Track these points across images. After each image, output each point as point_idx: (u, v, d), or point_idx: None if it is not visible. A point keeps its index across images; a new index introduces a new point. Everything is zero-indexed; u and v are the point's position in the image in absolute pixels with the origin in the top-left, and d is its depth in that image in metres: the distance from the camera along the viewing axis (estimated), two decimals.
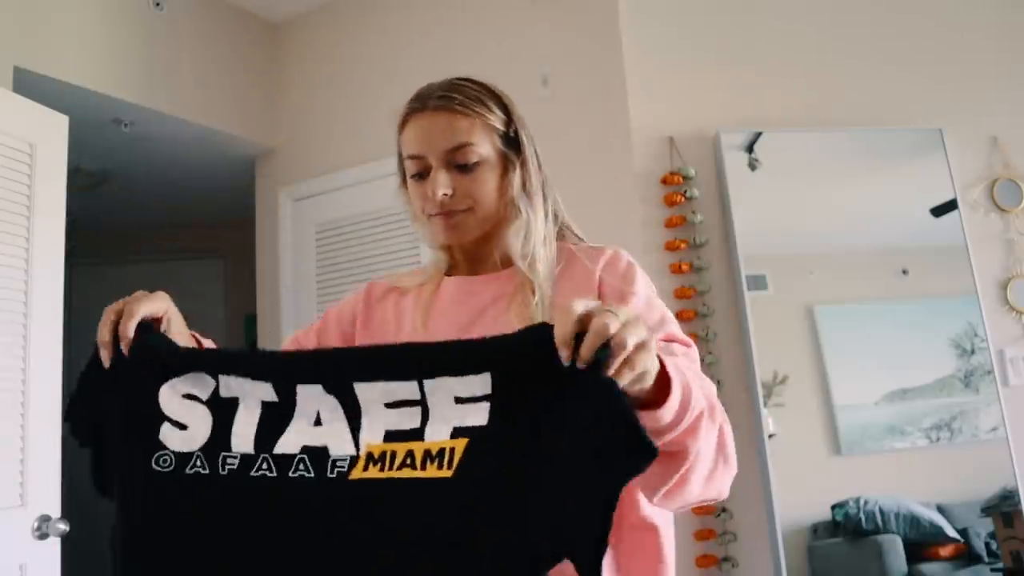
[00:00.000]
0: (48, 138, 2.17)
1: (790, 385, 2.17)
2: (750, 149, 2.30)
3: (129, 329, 0.81)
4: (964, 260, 2.25)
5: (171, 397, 0.79)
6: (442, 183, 0.99)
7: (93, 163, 3.23)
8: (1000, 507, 2.10)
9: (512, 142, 1.06)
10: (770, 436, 2.11)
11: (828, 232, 2.34)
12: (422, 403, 0.73)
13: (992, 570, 2.07)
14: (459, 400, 0.71)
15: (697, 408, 0.75)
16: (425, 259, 2.63)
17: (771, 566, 2.06)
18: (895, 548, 2.07)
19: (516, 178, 1.05)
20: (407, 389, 0.73)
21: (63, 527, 1.96)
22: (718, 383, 2.17)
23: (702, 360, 2.19)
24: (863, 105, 2.38)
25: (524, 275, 1.01)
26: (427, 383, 0.72)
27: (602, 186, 2.34)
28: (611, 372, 0.63)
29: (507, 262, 1.05)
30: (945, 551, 2.08)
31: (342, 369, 0.76)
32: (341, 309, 1.13)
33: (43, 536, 1.96)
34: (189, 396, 0.79)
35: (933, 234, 2.32)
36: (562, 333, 0.65)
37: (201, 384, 0.79)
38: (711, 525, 2.12)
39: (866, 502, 2.10)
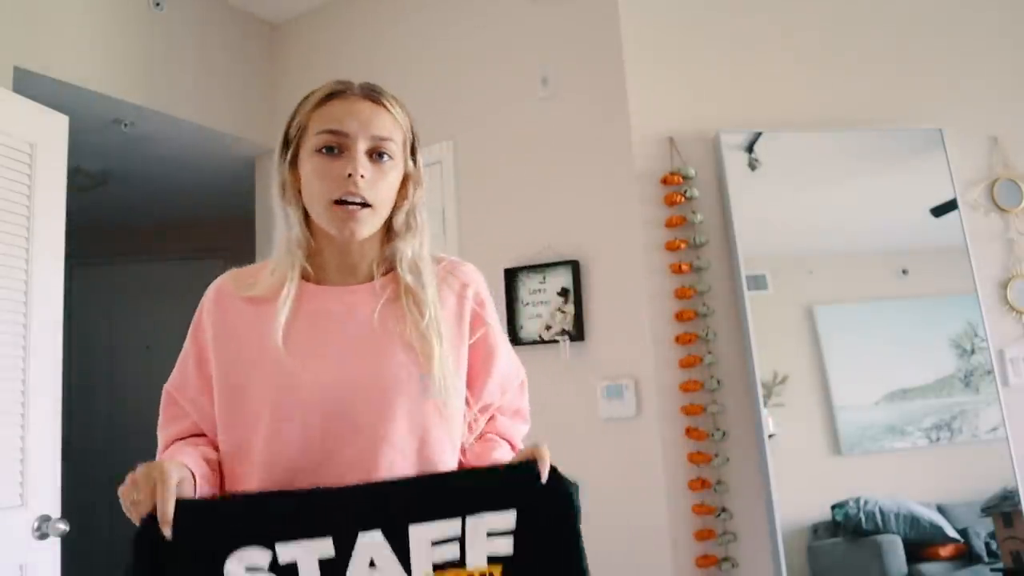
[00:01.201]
0: (48, 138, 2.17)
1: (790, 385, 2.17)
2: (750, 149, 2.30)
3: (169, 511, 0.83)
4: (964, 260, 2.25)
5: (237, 569, 0.85)
6: (364, 164, 0.99)
7: (93, 163, 3.23)
8: (1000, 507, 2.10)
9: (413, 156, 1.08)
10: (770, 436, 2.11)
11: (828, 232, 2.34)
12: (462, 538, 0.90)
13: (992, 570, 2.07)
14: (491, 534, 0.90)
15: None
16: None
17: (771, 566, 2.06)
18: (895, 548, 2.07)
19: (419, 191, 1.08)
20: (452, 527, 0.90)
21: (63, 527, 1.96)
22: (718, 383, 2.18)
23: (701, 360, 2.21)
24: (863, 105, 2.38)
25: (404, 285, 1.02)
26: (469, 519, 0.90)
27: (602, 186, 2.35)
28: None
29: (377, 272, 1.05)
30: (945, 551, 2.08)
31: (400, 513, 0.89)
32: (196, 328, 1.07)
33: (43, 536, 1.96)
34: (251, 568, 0.85)
35: (933, 234, 2.32)
36: (543, 466, 0.96)
37: (260, 555, 0.86)
38: (711, 525, 2.12)
39: (866, 502, 2.10)
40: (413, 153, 1.08)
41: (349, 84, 1.05)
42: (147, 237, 4.30)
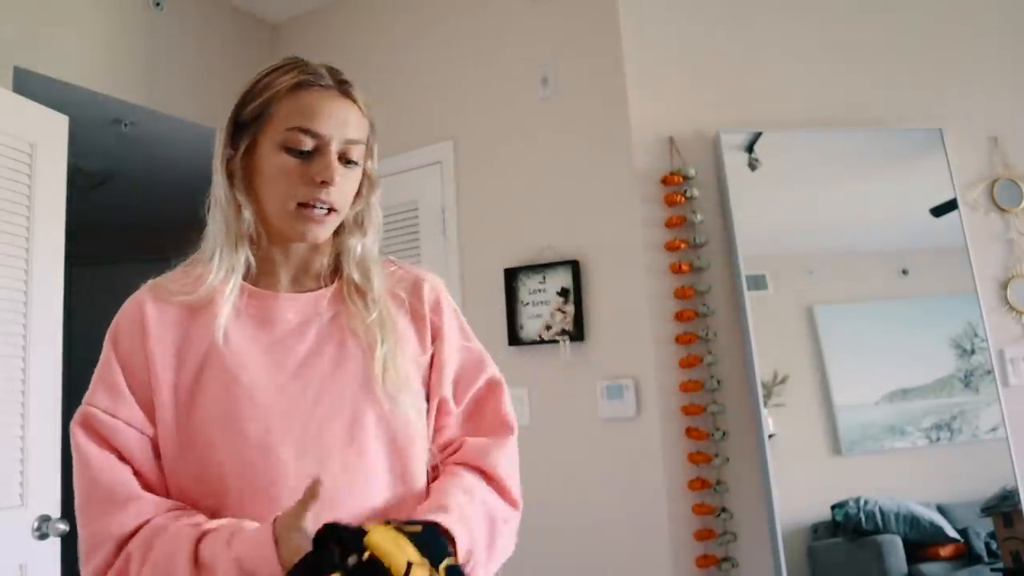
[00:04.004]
0: (48, 138, 2.18)
1: (790, 385, 2.17)
2: (750, 149, 2.30)
3: None
4: (964, 260, 2.25)
5: None
6: (340, 171, 0.95)
7: (93, 163, 3.23)
8: (1000, 507, 2.10)
9: (371, 157, 1.04)
10: (770, 436, 2.11)
11: (828, 232, 2.34)
12: None
13: (992, 570, 2.07)
14: None
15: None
16: (427, 259, 2.64)
17: (771, 566, 2.06)
18: (895, 548, 2.07)
19: (375, 192, 1.05)
20: None
21: (63, 527, 1.96)
22: (718, 383, 2.18)
23: (701, 360, 2.20)
24: (863, 105, 2.38)
25: (350, 282, 1.00)
26: None
27: (602, 186, 2.35)
28: None
29: (330, 276, 1.03)
30: (945, 551, 2.08)
31: None
32: (123, 355, 0.93)
33: (43, 536, 1.96)
34: None
35: (933, 234, 2.32)
36: None
37: None
38: (711, 525, 2.12)
39: (866, 502, 2.10)
40: (371, 151, 1.03)
41: (319, 73, 0.96)
42: (147, 237, 4.30)
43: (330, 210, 0.95)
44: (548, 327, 2.36)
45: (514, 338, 2.41)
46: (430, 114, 2.71)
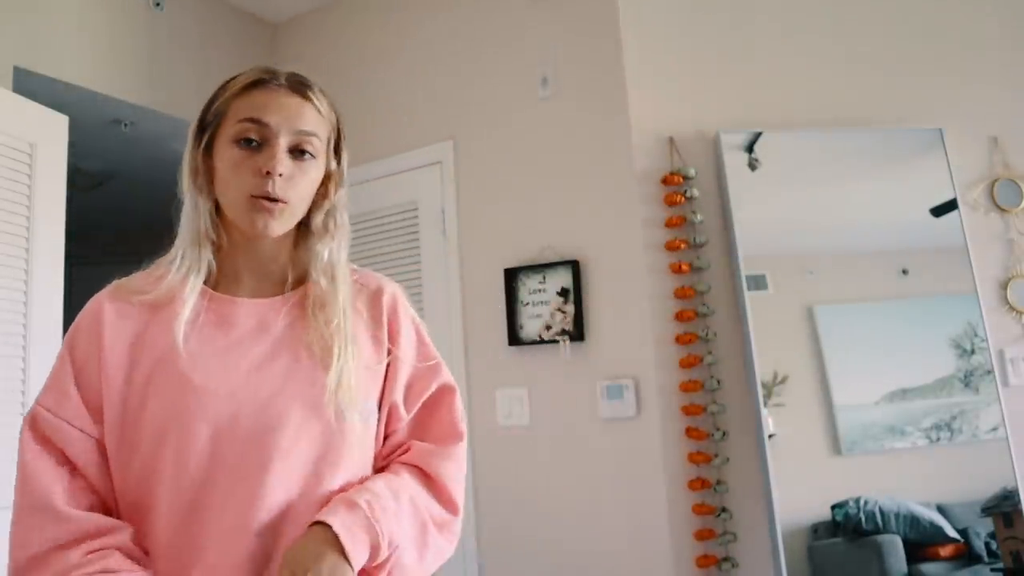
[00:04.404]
0: (48, 138, 2.18)
1: (790, 385, 2.17)
2: (750, 149, 2.30)
3: None
4: (964, 260, 2.25)
5: None
6: (284, 162, 0.94)
7: (93, 163, 3.23)
8: (1000, 507, 2.10)
9: (336, 154, 1.03)
10: (770, 436, 2.11)
11: (828, 232, 2.34)
12: None
13: (992, 570, 2.07)
14: None
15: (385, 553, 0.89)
16: (427, 259, 2.64)
17: (771, 566, 2.06)
18: (895, 548, 2.07)
19: (341, 192, 1.04)
20: None
21: None
22: (718, 383, 2.18)
23: (701, 360, 2.20)
24: (863, 105, 2.38)
25: (314, 290, 0.99)
26: None
27: (602, 186, 2.35)
28: None
29: (295, 282, 1.02)
30: (945, 551, 2.08)
31: None
32: (79, 355, 0.95)
33: None
34: None
35: (933, 234, 2.32)
36: None
37: None
38: (711, 525, 2.12)
39: (866, 502, 2.10)
40: (338, 151, 1.03)
41: (275, 73, 0.99)
42: (147, 237, 4.30)
43: (278, 200, 0.94)
44: (548, 327, 2.37)
45: (514, 338, 2.41)
46: (430, 114, 2.71)
